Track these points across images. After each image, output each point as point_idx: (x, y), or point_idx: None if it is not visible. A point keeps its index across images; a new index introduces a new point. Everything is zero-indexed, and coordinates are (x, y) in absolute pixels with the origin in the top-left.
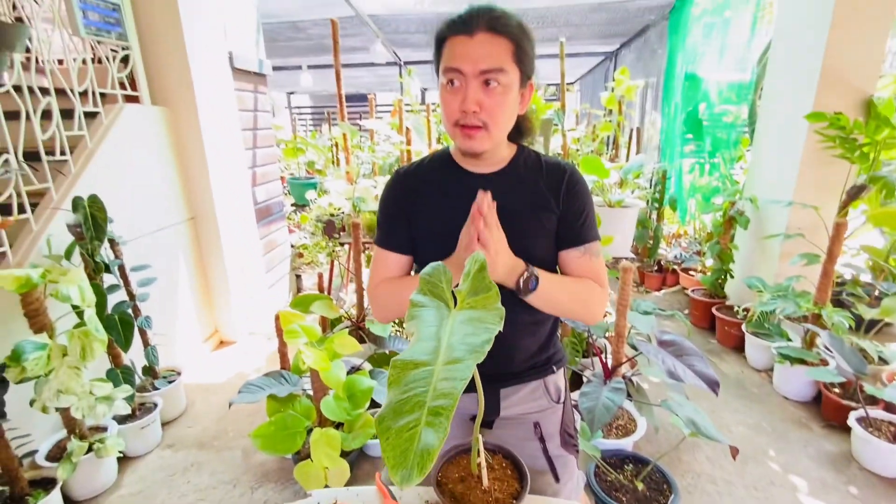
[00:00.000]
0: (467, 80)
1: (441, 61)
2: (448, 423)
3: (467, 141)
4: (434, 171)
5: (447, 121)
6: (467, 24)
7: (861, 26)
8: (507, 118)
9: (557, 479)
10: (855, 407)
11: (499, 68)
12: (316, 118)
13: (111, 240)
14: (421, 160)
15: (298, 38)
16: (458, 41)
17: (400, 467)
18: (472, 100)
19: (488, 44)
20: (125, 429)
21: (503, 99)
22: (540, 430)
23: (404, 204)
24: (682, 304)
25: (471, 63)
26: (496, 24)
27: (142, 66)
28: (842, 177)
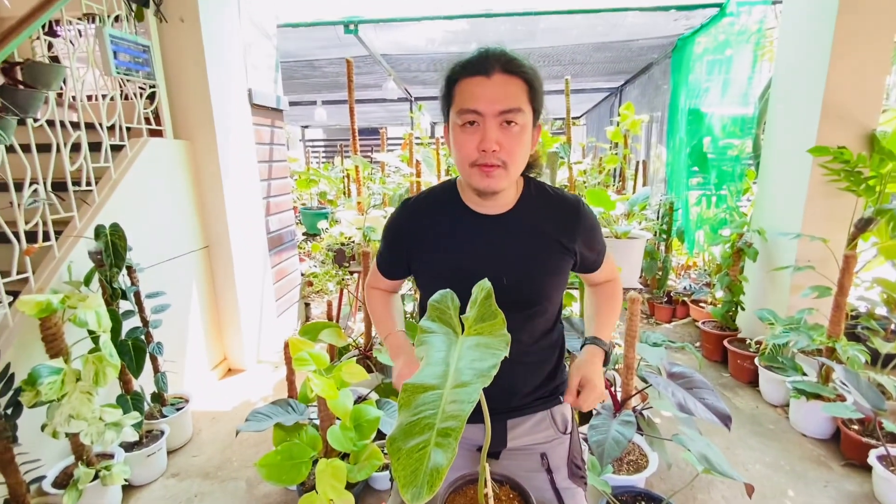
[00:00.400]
0: (486, 120)
1: (454, 102)
2: (456, 444)
3: (485, 179)
4: (441, 208)
5: (462, 161)
6: (483, 65)
7: (860, 61)
8: (523, 157)
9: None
10: (875, 445)
11: (517, 108)
12: (329, 151)
13: (129, 267)
14: (430, 191)
15: (314, 76)
16: (475, 82)
17: (410, 486)
18: (491, 139)
19: (506, 85)
20: (131, 456)
21: (520, 138)
22: (547, 462)
23: (406, 237)
24: (693, 336)
25: (490, 103)
26: (511, 66)
27: (166, 103)
28: (849, 209)
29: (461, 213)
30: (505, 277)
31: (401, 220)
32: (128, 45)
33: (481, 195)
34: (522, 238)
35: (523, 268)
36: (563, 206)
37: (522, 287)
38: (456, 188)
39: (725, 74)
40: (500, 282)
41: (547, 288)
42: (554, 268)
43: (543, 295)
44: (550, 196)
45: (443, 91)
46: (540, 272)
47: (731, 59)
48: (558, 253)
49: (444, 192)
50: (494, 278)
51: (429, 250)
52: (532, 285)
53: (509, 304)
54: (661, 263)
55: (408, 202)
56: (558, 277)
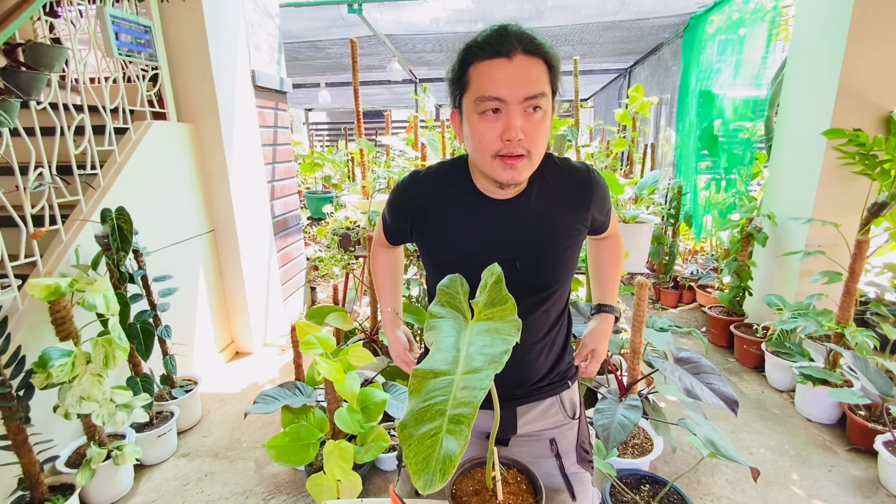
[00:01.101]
0: (509, 107)
1: (470, 88)
2: (469, 431)
3: (509, 171)
4: (450, 187)
5: (483, 152)
6: (504, 45)
7: (879, 42)
8: (545, 142)
9: (574, 497)
10: (882, 430)
11: (541, 93)
12: (333, 134)
13: (136, 251)
14: (440, 167)
15: (318, 57)
16: (495, 66)
17: (422, 473)
18: (516, 128)
19: (529, 68)
20: (142, 437)
21: (544, 124)
22: (556, 448)
23: (412, 208)
24: (700, 321)
25: (514, 89)
26: (533, 47)
27: (169, 85)
28: (862, 193)
29: (471, 195)
30: (518, 262)
31: (408, 189)
32: (129, 25)
33: (504, 187)
34: (537, 220)
35: (537, 252)
36: (575, 178)
37: (538, 270)
38: (467, 167)
39: (738, 55)
40: (513, 267)
41: (562, 268)
42: (570, 245)
43: (559, 277)
44: (561, 170)
45: (454, 73)
46: (554, 254)
47: (744, 38)
48: (573, 229)
49: (454, 170)
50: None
51: (434, 229)
52: (546, 269)
53: (522, 290)
54: (668, 248)
55: (417, 174)
56: (573, 254)
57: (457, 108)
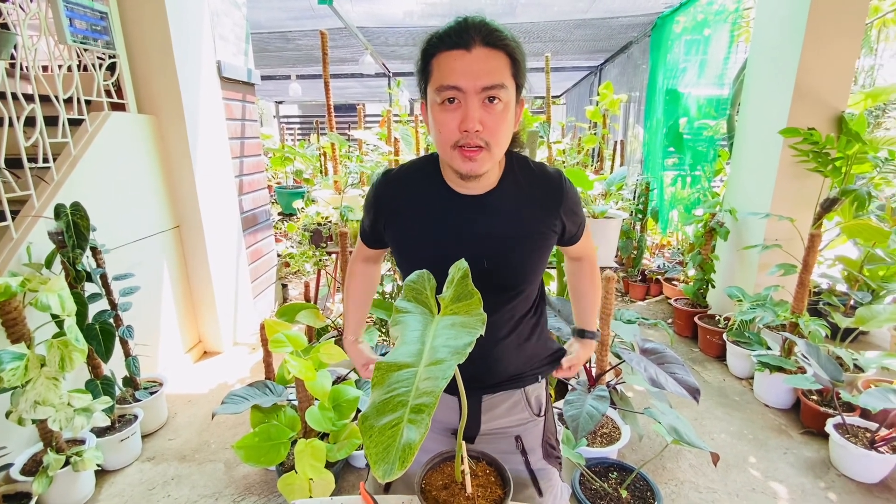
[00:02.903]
0: (467, 97)
1: (432, 78)
2: (429, 420)
3: (468, 163)
4: (420, 184)
5: (443, 143)
6: (462, 37)
7: (833, 45)
8: (507, 136)
9: (540, 493)
10: (832, 414)
11: (500, 84)
12: (304, 128)
13: (93, 248)
14: (411, 165)
15: (288, 49)
16: (454, 56)
17: (382, 462)
18: (473, 118)
19: (487, 59)
20: (104, 441)
21: (504, 116)
22: (522, 444)
23: (385, 209)
24: (666, 313)
25: (471, 79)
26: (493, 38)
27: (128, 75)
28: (816, 190)
29: (442, 191)
30: (486, 261)
31: (378, 190)
32: (84, 10)
33: (464, 178)
34: (506, 219)
35: (506, 250)
36: (547, 182)
37: (504, 270)
38: (437, 164)
39: (703, 55)
40: (480, 265)
41: (529, 270)
42: (538, 248)
43: (525, 278)
44: (534, 172)
45: (418, 66)
46: (523, 254)
47: (708, 39)
48: (543, 231)
49: (425, 166)
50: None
51: (404, 226)
52: (514, 268)
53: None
54: (636, 243)
55: (388, 173)
56: (541, 257)
57: (424, 100)
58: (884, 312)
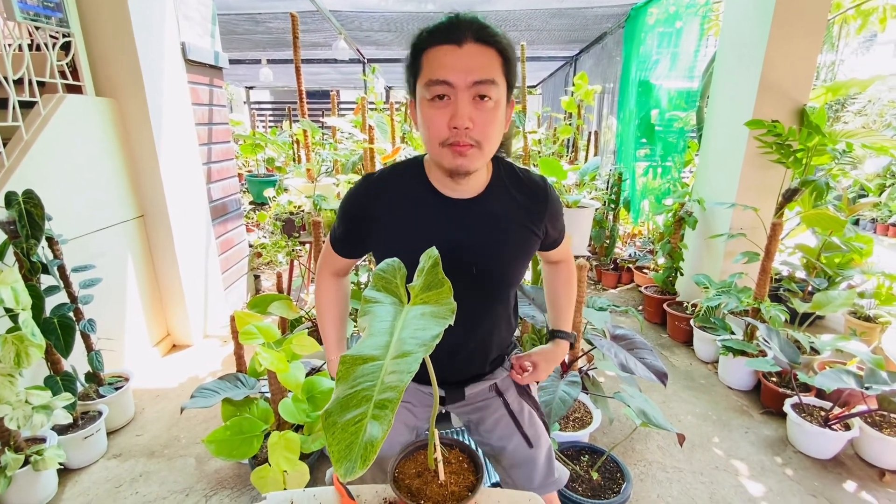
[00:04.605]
0: (457, 93)
1: (422, 73)
2: (392, 416)
3: (458, 159)
4: (406, 189)
5: (432, 140)
6: (453, 32)
7: (797, 39)
8: (497, 136)
9: (530, 444)
10: (790, 394)
11: (491, 80)
12: (276, 114)
13: (49, 238)
14: (394, 168)
15: (258, 32)
16: (445, 51)
17: (344, 460)
18: (464, 115)
19: (479, 55)
20: (66, 439)
21: (495, 114)
22: (496, 388)
23: (367, 215)
24: (636, 300)
25: (462, 74)
26: (485, 35)
27: (85, 55)
28: (779, 180)
29: (428, 195)
30: (474, 267)
31: (360, 196)
32: None
33: (453, 176)
34: (493, 224)
35: (493, 255)
36: (533, 188)
37: (491, 275)
38: (423, 168)
39: (674, 47)
40: (469, 271)
41: (513, 273)
42: (523, 252)
43: (510, 281)
44: (520, 179)
45: (408, 61)
46: (509, 258)
47: (680, 31)
48: (527, 237)
49: (409, 170)
50: (464, 267)
51: (390, 233)
52: (501, 272)
53: (475, 290)
54: (608, 232)
55: (370, 177)
56: (525, 261)
57: (412, 97)
58: (839, 298)
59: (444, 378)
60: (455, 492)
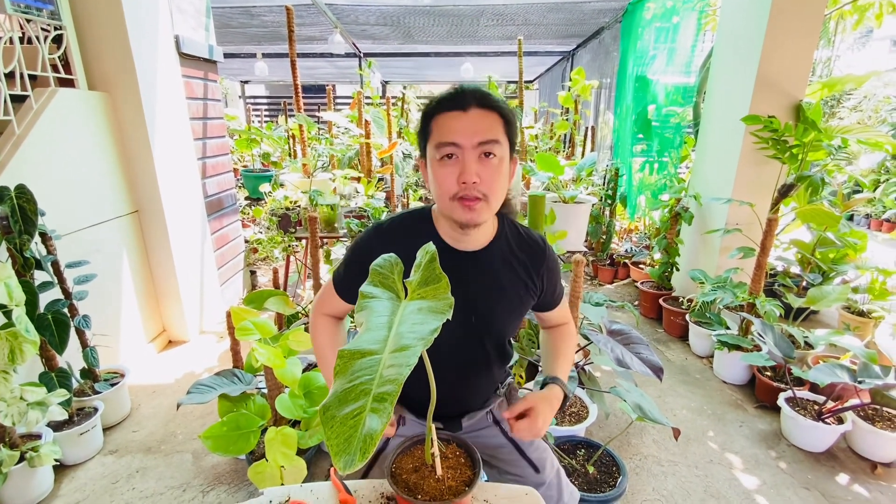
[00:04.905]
0: (464, 152)
1: (431, 137)
2: (391, 409)
3: (468, 213)
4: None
5: (443, 195)
6: (458, 100)
7: (792, 37)
8: (503, 189)
9: (537, 470)
10: (784, 388)
11: (494, 139)
12: (272, 109)
13: (43, 234)
14: (403, 218)
15: (252, 25)
16: (452, 116)
17: (343, 454)
18: (471, 171)
19: (482, 118)
20: (62, 435)
21: (499, 170)
22: (492, 415)
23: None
24: (632, 295)
25: (468, 136)
26: (487, 101)
27: (77, 48)
28: (774, 176)
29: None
30: (473, 315)
31: (371, 244)
32: None
33: (462, 228)
34: (494, 276)
35: (493, 305)
36: (532, 245)
37: (490, 324)
38: (431, 219)
39: (672, 42)
40: (469, 320)
41: (508, 327)
42: (520, 305)
43: (506, 331)
44: (521, 236)
45: (419, 127)
46: (507, 309)
47: (677, 26)
48: (525, 291)
49: (418, 221)
50: (464, 316)
51: None
52: (499, 322)
53: (472, 337)
54: (605, 227)
55: (380, 227)
56: (520, 314)
57: (423, 158)
58: (833, 293)
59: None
60: (452, 486)
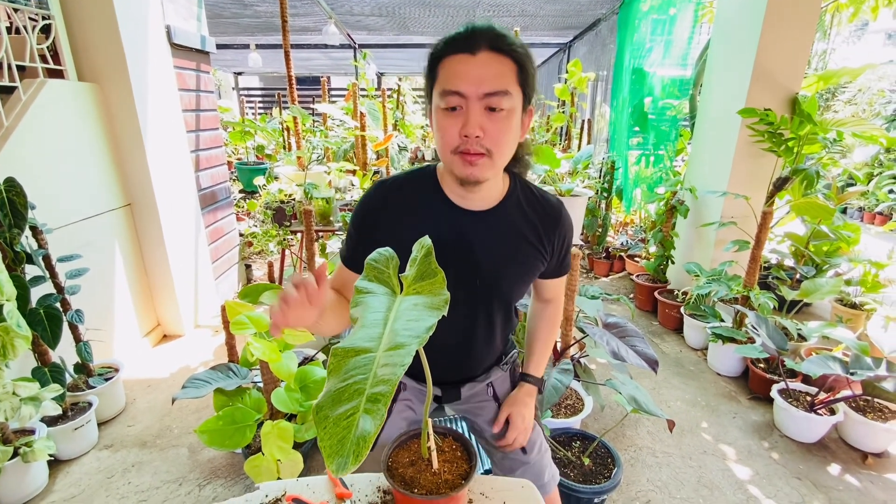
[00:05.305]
0: (469, 103)
1: (437, 83)
2: (385, 410)
3: (468, 168)
4: (419, 196)
5: (444, 147)
6: (468, 41)
7: (789, 30)
8: (510, 145)
9: (524, 451)
10: (777, 380)
11: (503, 91)
12: (266, 101)
13: (33, 227)
14: (408, 176)
15: (245, 15)
16: (459, 60)
17: (336, 456)
18: (474, 124)
19: (492, 64)
20: (56, 431)
21: (507, 124)
22: (492, 388)
23: (380, 220)
24: (628, 288)
25: (474, 84)
26: (500, 44)
27: (66, 38)
28: (770, 169)
29: (440, 203)
30: (479, 279)
31: (375, 201)
32: None
33: (464, 185)
34: (503, 239)
35: (500, 270)
36: (546, 207)
37: (496, 289)
38: (436, 175)
39: (668, 35)
40: (473, 284)
41: (514, 291)
42: (529, 271)
43: (512, 297)
44: (535, 196)
45: (426, 70)
46: (513, 275)
47: (674, 18)
48: (535, 256)
49: (423, 178)
50: (469, 279)
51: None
52: (505, 288)
53: (477, 301)
54: (601, 220)
55: (384, 183)
56: (529, 280)
57: (430, 104)
58: (826, 285)
59: (439, 378)
60: (449, 480)
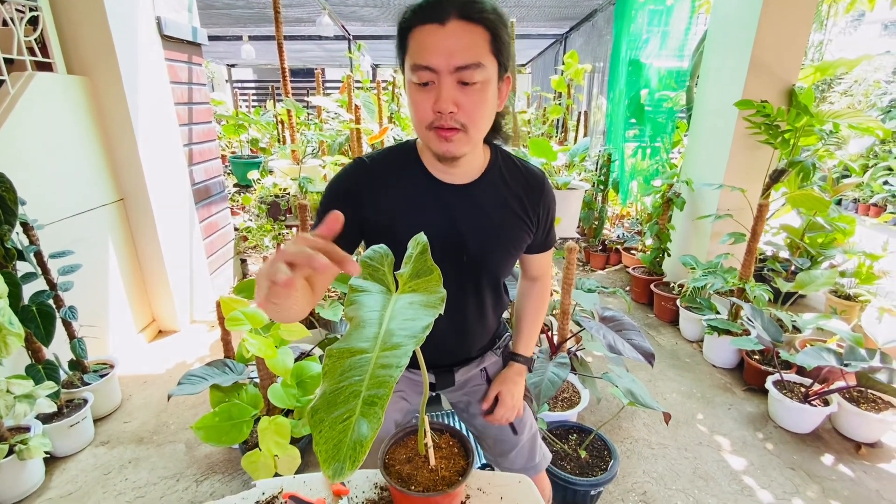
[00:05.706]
0: (440, 77)
1: (407, 56)
2: (382, 414)
3: (443, 144)
4: (399, 172)
5: (418, 123)
6: (436, 10)
7: (786, 20)
8: (486, 118)
9: (515, 431)
10: (772, 371)
11: (476, 63)
12: (260, 93)
13: (24, 223)
14: (387, 152)
15: (238, 6)
16: (427, 31)
17: (332, 461)
18: (447, 99)
19: (462, 34)
20: (51, 428)
21: (481, 97)
22: (486, 373)
23: (358, 199)
24: (624, 281)
25: (444, 57)
26: (470, 11)
27: (54, 30)
28: (766, 161)
29: (421, 178)
30: (465, 255)
31: (352, 179)
32: None
33: (442, 160)
34: (487, 212)
35: (484, 244)
36: (528, 177)
37: (481, 263)
38: (416, 150)
39: (665, 26)
40: (460, 259)
41: (501, 266)
42: (514, 243)
43: (500, 271)
44: (517, 166)
45: (396, 41)
46: (500, 248)
47: (671, 9)
48: (521, 227)
49: (403, 154)
50: (455, 255)
51: (382, 215)
52: (491, 261)
53: (464, 277)
54: (597, 213)
55: (362, 160)
56: (516, 253)
57: (404, 75)
58: (821, 277)
59: (432, 362)
60: (446, 477)
